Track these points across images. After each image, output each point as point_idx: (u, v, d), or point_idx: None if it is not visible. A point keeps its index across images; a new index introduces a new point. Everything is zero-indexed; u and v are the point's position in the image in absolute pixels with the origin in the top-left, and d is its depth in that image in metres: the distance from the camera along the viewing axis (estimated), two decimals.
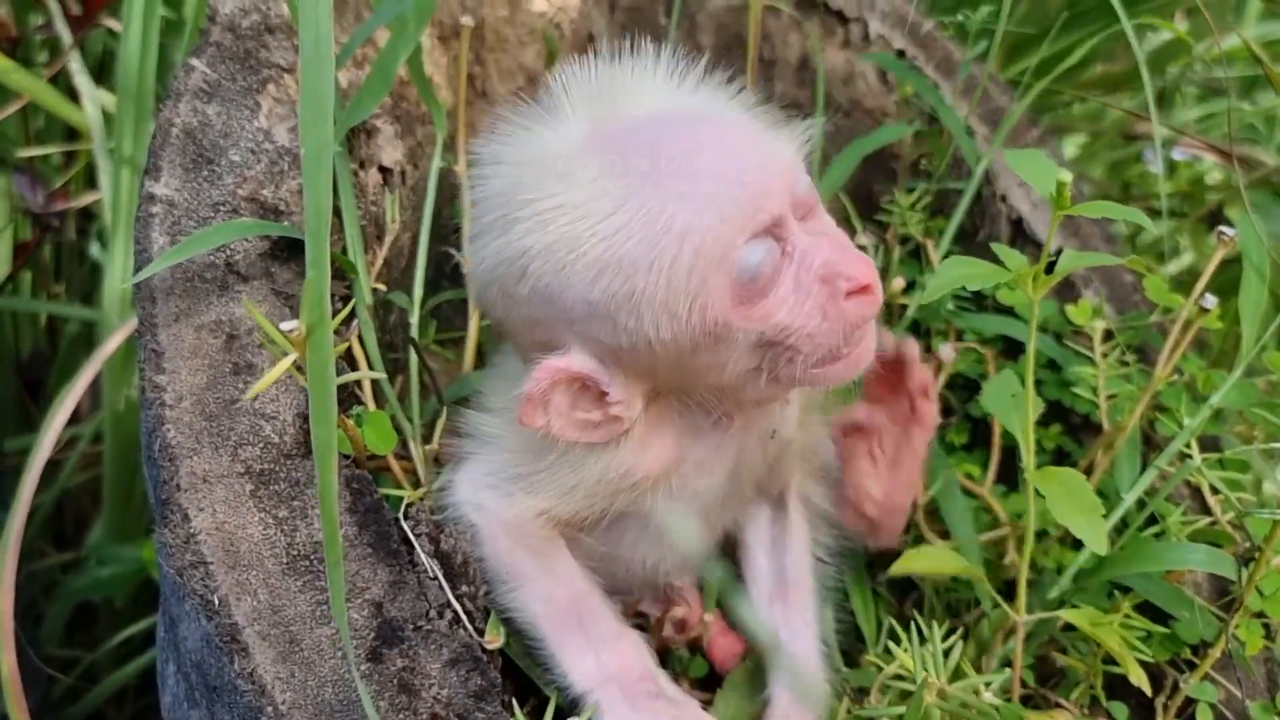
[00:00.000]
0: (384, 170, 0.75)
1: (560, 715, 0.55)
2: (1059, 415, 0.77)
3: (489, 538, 0.57)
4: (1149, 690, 0.57)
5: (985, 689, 0.54)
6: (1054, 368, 0.77)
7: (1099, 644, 0.58)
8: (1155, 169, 1.18)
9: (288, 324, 0.48)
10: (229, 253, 0.62)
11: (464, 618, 0.55)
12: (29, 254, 1.05)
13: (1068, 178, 0.47)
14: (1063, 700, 0.64)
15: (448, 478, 0.60)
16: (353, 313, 0.62)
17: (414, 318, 0.71)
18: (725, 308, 0.49)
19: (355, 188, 0.69)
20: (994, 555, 0.71)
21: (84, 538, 1.08)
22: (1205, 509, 0.68)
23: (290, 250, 0.64)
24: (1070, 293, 0.80)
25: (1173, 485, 0.66)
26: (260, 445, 0.56)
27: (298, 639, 0.51)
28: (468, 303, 0.77)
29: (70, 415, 0.81)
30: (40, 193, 1.01)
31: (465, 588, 0.56)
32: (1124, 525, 0.66)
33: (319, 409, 0.44)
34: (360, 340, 0.64)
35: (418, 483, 0.64)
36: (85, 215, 1.17)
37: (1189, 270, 1.17)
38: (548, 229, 0.49)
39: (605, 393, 0.52)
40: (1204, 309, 0.68)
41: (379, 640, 0.52)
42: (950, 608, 0.72)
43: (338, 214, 0.66)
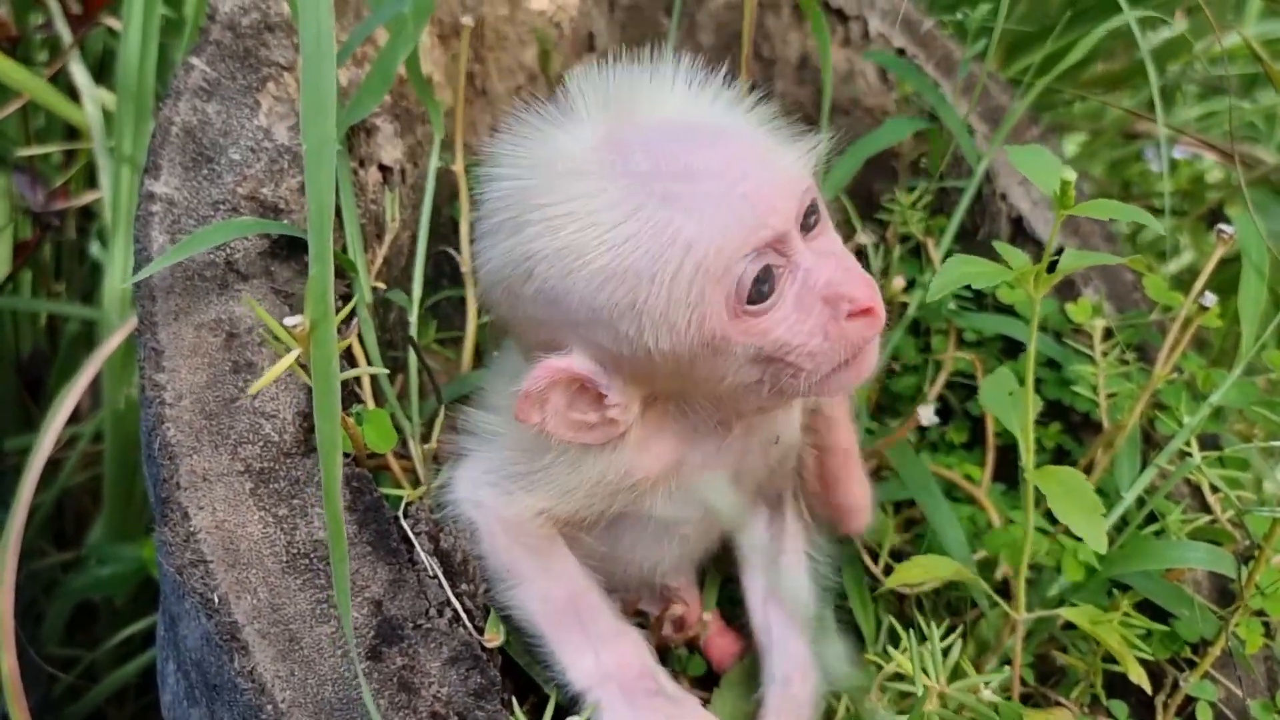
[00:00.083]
0: (384, 169, 0.75)
1: (560, 713, 0.55)
2: (1059, 414, 0.77)
3: (488, 535, 0.57)
4: (1149, 688, 0.57)
5: (984, 687, 0.54)
6: (1054, 366, 0.77)
7: (1099, 642, 0.58)
8: (1156, 167, 1.18)
9: (291, 319, 0.48)
10: (229, 251, 0.62)
11: (464, 616, 0.55)
12: (29, 253, 1.05)
13: (1072, 176, 0.46)
14: (1063, 699, 0.64)
15: (447, 475, 0.60)
16: (352, 311, 0.62)
17: (413, 316, 0.71)
18: (723, 321, 0.49)
19: (355, 186, 0.69)
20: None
21: (84, 537, 1.08)
22: (1205, 507, 0.68)
23: (290, 249, 0.64)
24: (1070, 291, 0.80)
25: (1173, 483, 0.66)
26: (260, 444, 0.56)
27: (297, 637, 0.51)
28: (467, 302, 0.77)
29: (70, 414, 0.82)
30: (40, 192, 1.01)
31: (465, 586, 0.56)
32: (1124, 523, 0.66)
33: (323, 404, 0.44)
34: (360, 339, 0.64)
35: (417, 481, 0.64)
36: (85, 214, 1.17)
37: (1189, 269, 1.17)
38: (557, 234, 0.49)
39: (603, 395, 0.52)
40: (1203, 307, 0.68)
41: (379, 639, 0.52)
42: (950, 606, 0.72)
43: (337, 212, 0.66)
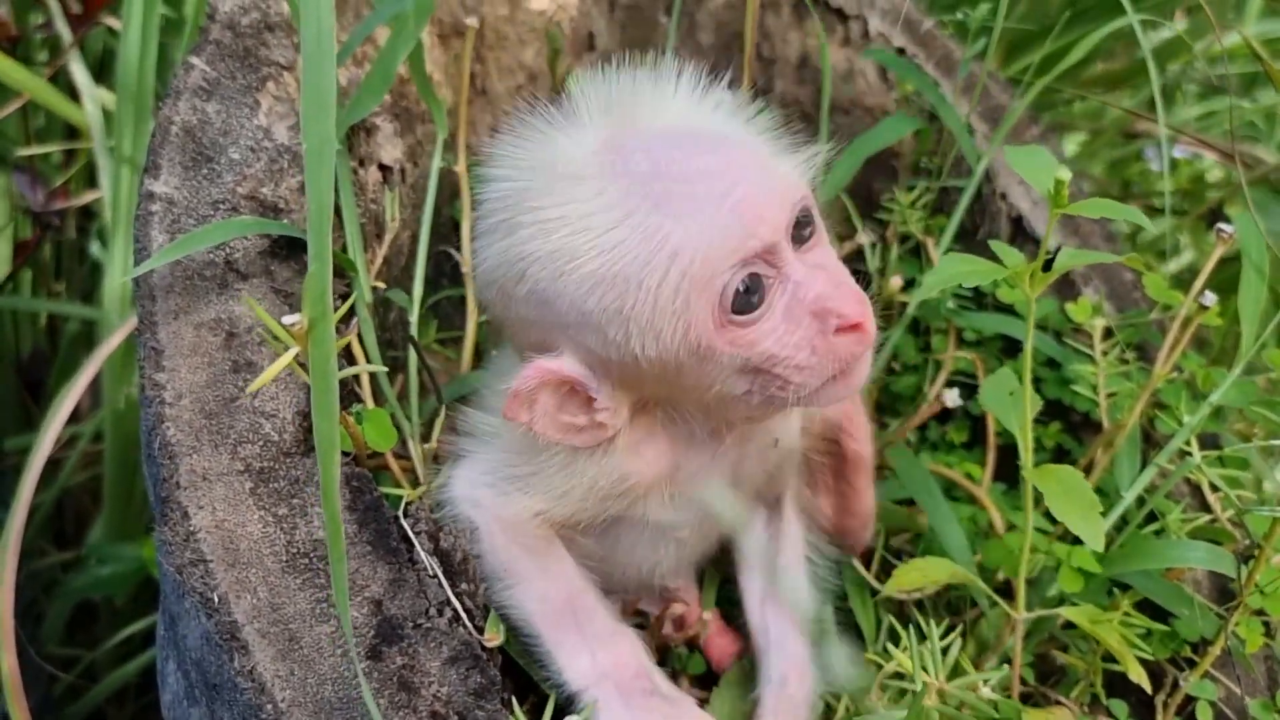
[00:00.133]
0: (384, 168, 0.75)
1: (560, 713, 0.55)
2: (1059, 413, 0.77)
3: (486, 535, 0.57)
4: (1149, 688, 0.57)
5: (984, 686, 0.54)
6: (1054, 365, 0.77)
7: (1099, 641, 0.58)
8: (1156, 167, 1.18)
9: (289, 318, 0.49)
10: (228, 251, 0.62)
11: (463, 615, 0.55)
12: (29, 253, 1.05)
13: (1066, 175, 0.46)
14: (1062, 698, 0.64)
15: (446, 474, 0.60)
16: (352, 310, 0.62)
17: (414, 316, 0.71)
18: (709, 331, 0.49)
19: (355, 186, 0.69)
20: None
21: (84, 536, 1.08)
22: (1205, 506, 0.68)
23: (290, 248, 0.64)
24: (1070, 290, 0.80)
25: (1172, 483, 0.66)
26: (260, 443, 0.56)
27: (297, 637, 0.51)
28: (467, 301, 0.77)
29: (70, 414, 0.82)
30: (40, 191, 1.01)
31: (465, 585, 0.56)
32: (1124, 523, 0.66)
33: (321, 402, 0.44)
34: (360, 338, 0.64)
35: (417, 481, 0.64)
36: (85, 214, 1.17)
37: (1189, 268, 1.17)
38: (549, 237, 0.49)
39: (592, 398, 0.52)
40: (1203, 306, 0.68)
41: (378, 638, 0.52)
42: (950, 605, 0.72)
43: (337, 212, 0.66)
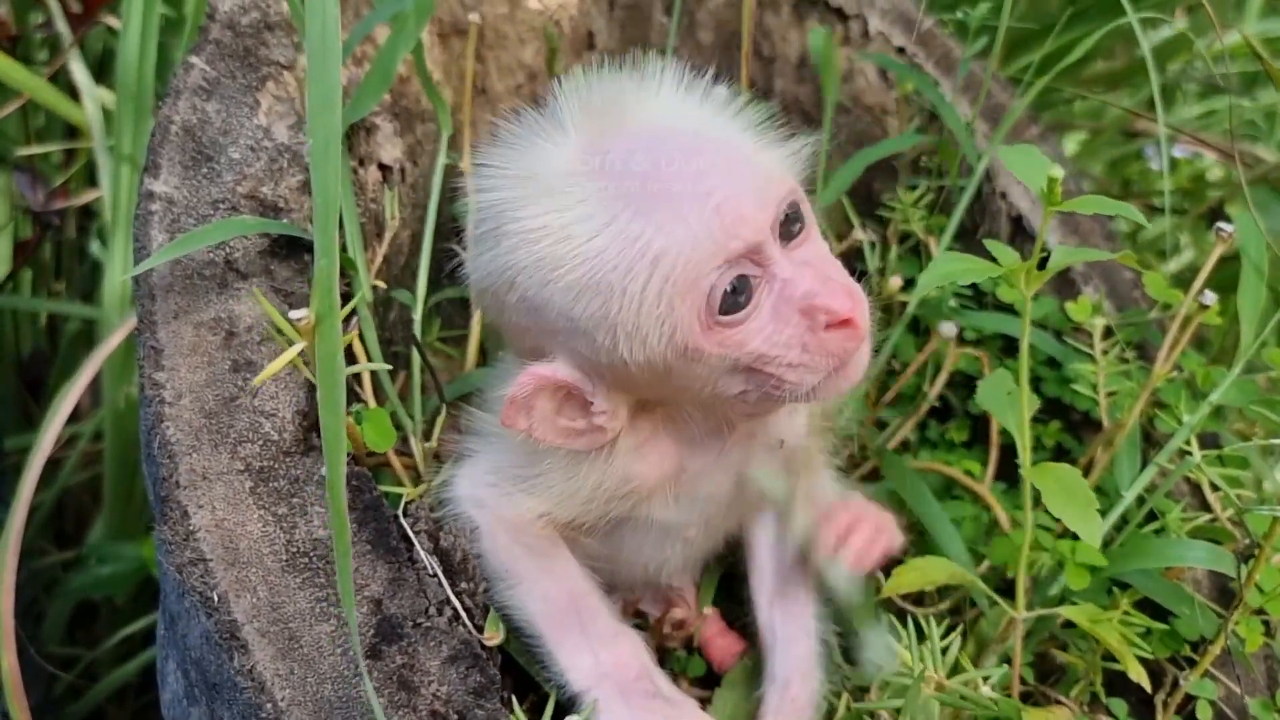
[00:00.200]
0: (383, 167, 0.75)
1: (560, 712, 0.55)
2: (1059, 412, 0.77)
3: (488, 534, 0.57)
4: (1149, 687, 0.57)
5: (984, 684, 0.54)
6: (1054, 365, 0.77)
7: (1099, 641, 0.58)
8: (1156, 166, 1.18)
9: (296, 313, 0.49)
10: (228, 250, 0.62)
11: (463, 615, 0.55)
12: (29, 252, 1.05)
13: (1059, 174, 0.46)
14: (1062, 697, 0.64)
15: (449, 474, 0.60)
16: (352, 309, 0.62)
17: (417, 314, 0.71)
18: (695, 334, 0.49)
19: (355, 185, 0.69)
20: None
21: (85, 536, 1.08)
22: (1205, 506, 0.68)
23: (290, 248, 0.64)
24: (1070, 290, 0.80)
25: (1172, 482, 0.66)
26: (259, 442, 0.56)
27: (297, 636, 0.51)
28: (469, 300, 0.77)
29: (70, 413, 0.82)
30: (40, 191, 1.01)
31: (464, 584, 0.56)
32: (1124, 522, 0.66)
33: (328, 398, 0.44)
34: (361, 337, 0.64)
35: (418, 479, 0.64)
36: (86, 213, 1.17)
37: (1189, 267, 1.17)
38: (534, 247, 0.49)
39: (590, 402, 0.53)
40: (1203, 305, 0.68)
41: (378, 637, 0.52)
42: (951, 605, 0.72)
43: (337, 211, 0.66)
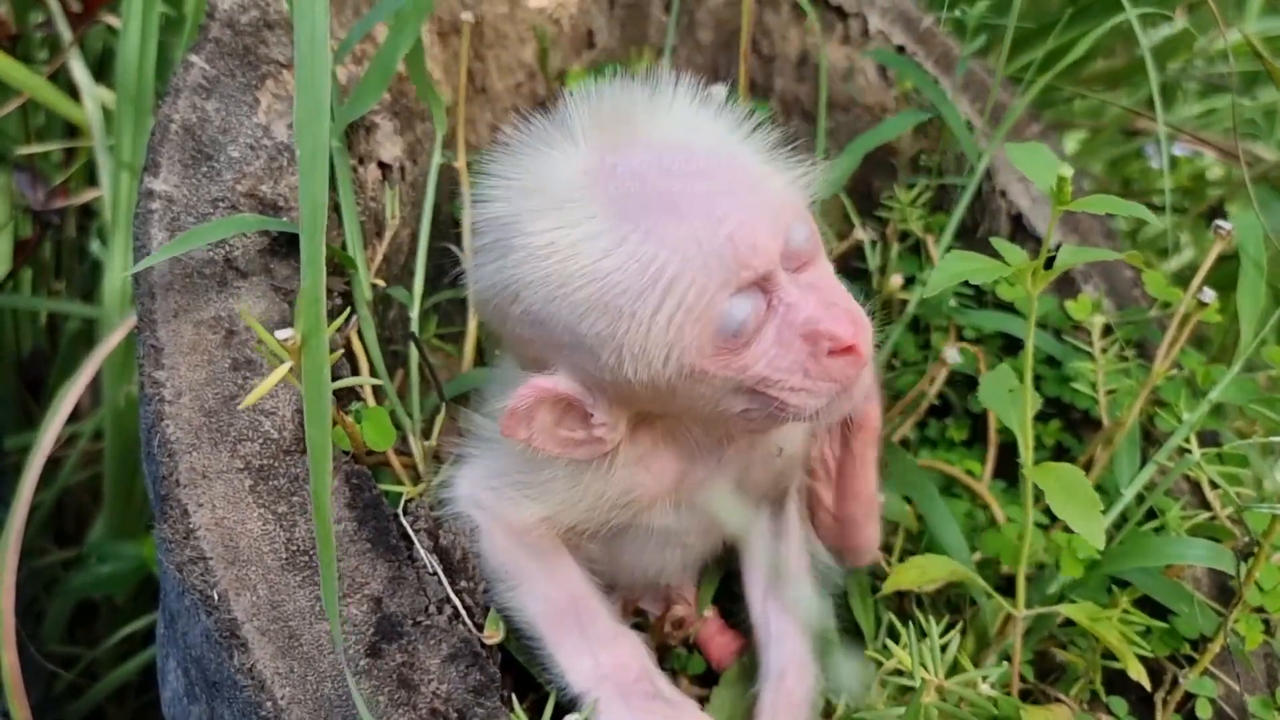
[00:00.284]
0: (383, 166, 0.75)
1: (559, 712, 0.55)
2: (1059, 411, 0.77)
3: (486, 535, 0.57)
4: (1148, 685, 0.57)
5: (984, 683, 0.54)
6: (1053, 363, 0.77)
7: (1098, 639, 0.58)
8: (1156, 164, 1.18)
9: (282, 333, 0.48)
10: (228, 249, 0.62)
11: (463, 613, 0.55)
12: (29, 251, 1.05)
13: (1069, 173, 0.46)
14: (1062, 695, 0.64)
15: (450, 474, 0.60)
16: (352, 309, 0.62)
17: (414, 312, 0.71)
18: (702, 358, 0.49)
19: (354, 184, 0.69)
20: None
21: (85, 535, 1.08)
22: (1204, 504, 0.68)
23: (290, 246, 0.64)
24: (1070, 288, 0.80)
25: (1172, 480, 0.66)
26: (259, 441, 0.56)
27: (297, 634, 0.51)
28: (468, 299, 0.77)
29: (71, 412, 0.82)
30: (40, 190, 1.01)
31: (464, 583, 0.56)
32: (1123, 520, 0.66)
33: (314, 415, 0.43)
34: (360, 336, 0.64)
35: (417, 478, 0.64)
36: (85, 212, 1.17)
37: (1189, 265, 1.17)
38: (541, 263, 0.49)
39: (590, 414, 0.53)
40: (1203, 303, 0.68)
41: (378, 635, 0.52)
42: (950, 603, 0.72)
43: (337, 210, 0.66)
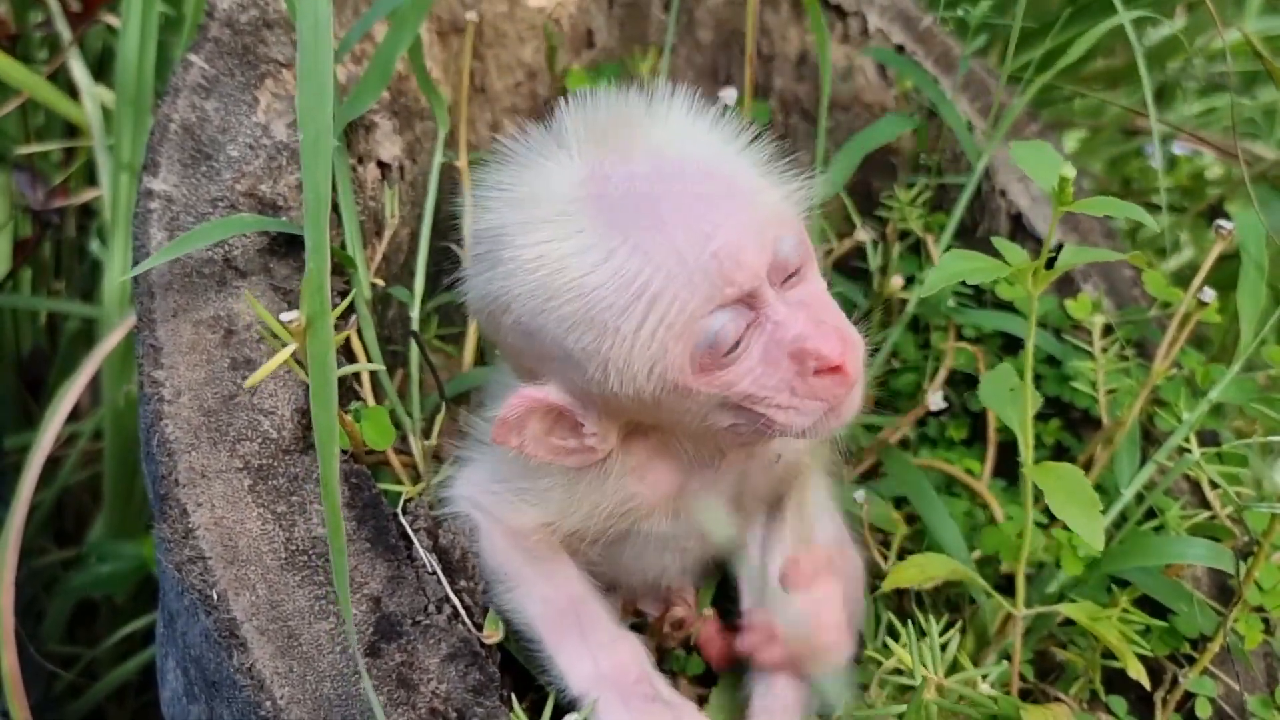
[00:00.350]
0: (382, 165, 0.75)
1: (559, 712, 0.55)
2: (1058, 410, 0.77)
3: (486, 535, 0.57)
4: (1148, 684, 0.57)
5: (983, 682, 0.54)
6: (1053, 363, 0.77)
7: (1098, 638, 0.58)
8: (1156, 164, 1.18)
9: (287, 315, 0.49)
10: (227, 248, 0.62)
11: (462, 613, 0.55)
12: (29, 251, 1.05)
13: (1071, 173, 0.46)
14: (1062, 694, 0.64)
15: (450, 475, 0.60)
16: (351, 307, 0.62)
17: (415, 312, 0.71)
18: (685, 374, 0.49)
19: (354, 183, 0.69)
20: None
21: (84, 535, 1.08)
22: (1204, 503, 0.68)
23: (289, 246, 0.64)
24: (1069, 288, 0.79)
25: (1171, 479, 0.66)
26: (259, 441, 0.56)
27: (296, 634, 0.51)
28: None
29: (70, 412, 0.82)
30: (40, 190, 1.01)
31: (464, 583, 0.56)
32: (1123, 519, 0.66)
33: (320, 398, 0.44)
34: (359, 335, 0.64)
35: (417, 477, 0.64)
36: (85, 212, 1.17)
37: (1189, 265, 1.17)
38: (530, 275, 0.49)
39: (581, 423, 0.53)
40: (1202, 303, 0.67)
41: (377, 635, 0.52)
42: (949, 602, 0.72)
43: (336, 209, 0.66)
